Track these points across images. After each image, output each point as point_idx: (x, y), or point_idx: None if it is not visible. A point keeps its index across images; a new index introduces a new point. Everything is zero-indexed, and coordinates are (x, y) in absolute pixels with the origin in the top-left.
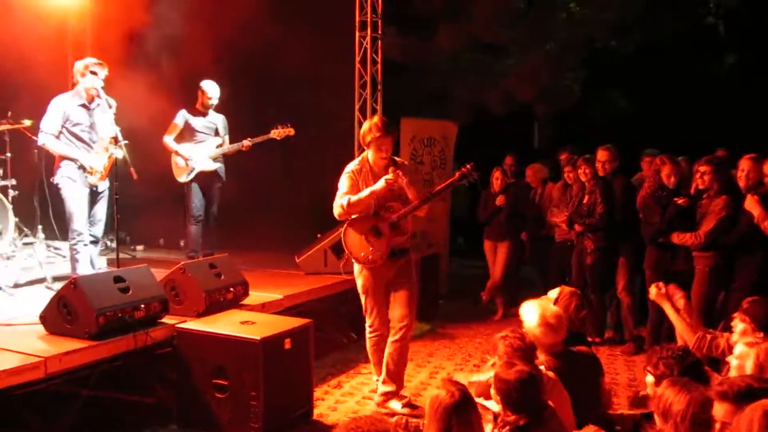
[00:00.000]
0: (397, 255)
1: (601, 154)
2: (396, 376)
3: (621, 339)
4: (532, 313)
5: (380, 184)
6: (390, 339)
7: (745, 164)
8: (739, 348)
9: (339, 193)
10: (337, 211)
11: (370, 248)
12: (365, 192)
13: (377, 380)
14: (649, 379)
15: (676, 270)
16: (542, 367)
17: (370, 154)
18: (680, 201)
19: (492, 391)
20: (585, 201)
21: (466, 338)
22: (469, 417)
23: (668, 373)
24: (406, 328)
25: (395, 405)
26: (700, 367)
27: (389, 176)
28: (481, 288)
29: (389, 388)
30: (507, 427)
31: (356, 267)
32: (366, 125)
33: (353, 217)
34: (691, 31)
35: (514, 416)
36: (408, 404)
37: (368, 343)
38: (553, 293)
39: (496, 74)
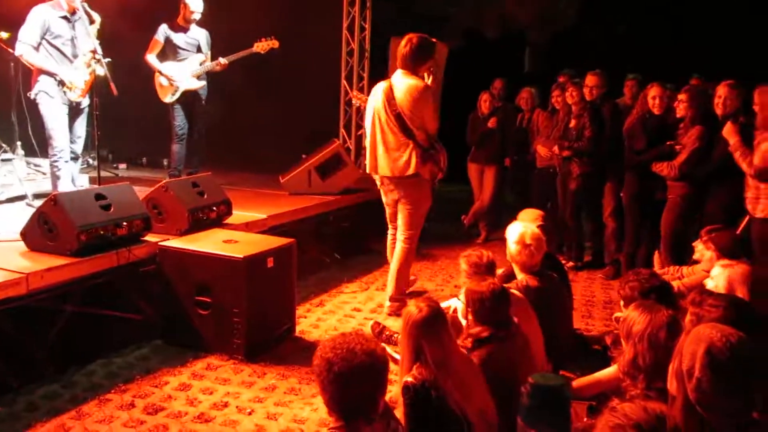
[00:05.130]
0: None
1: (590, 79)
2: None
3: (600, 263)
4: (513, 234)
5: None
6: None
7: (722, 91)
8: (717, 270)
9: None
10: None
11: (437, 166)
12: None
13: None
14: (621, 302)
15: (656, 199)
16: (514, 287)
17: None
18: (677, 147)
19: (459, 312)
20: (572, 125)
21: (447, 260)
22: (438, 333)
23: (634, 295)
24: None
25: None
26: (666, 290)
27: None
28: (464, 211)
29: None
30: (470, 339)
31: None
32: (422, 41)
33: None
34: None
35: (478, 328)
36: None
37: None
38: (522, 216)
39: None
